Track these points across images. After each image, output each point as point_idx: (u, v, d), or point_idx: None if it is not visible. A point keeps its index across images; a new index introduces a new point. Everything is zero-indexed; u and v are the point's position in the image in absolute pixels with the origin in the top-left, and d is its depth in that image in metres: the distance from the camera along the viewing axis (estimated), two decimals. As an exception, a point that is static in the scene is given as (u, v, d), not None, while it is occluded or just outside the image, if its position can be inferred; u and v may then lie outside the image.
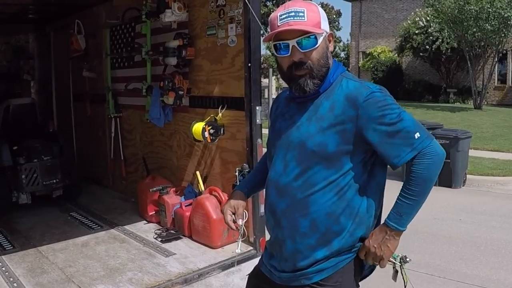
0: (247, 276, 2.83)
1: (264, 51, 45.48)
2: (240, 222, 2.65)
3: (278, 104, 2.63)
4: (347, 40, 54.38)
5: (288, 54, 2.32)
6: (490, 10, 24.25)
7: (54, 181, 6.66)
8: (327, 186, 2.31)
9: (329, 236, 2.34)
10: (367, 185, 2.39)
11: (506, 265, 6.35)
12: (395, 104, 2.27)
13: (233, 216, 2.68)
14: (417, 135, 2.25)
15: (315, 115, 2.34)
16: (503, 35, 25.82)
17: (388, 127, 2.24)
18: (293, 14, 2.27)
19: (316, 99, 2.38)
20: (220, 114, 5.35)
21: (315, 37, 2.29)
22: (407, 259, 2.61)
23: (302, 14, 2.26)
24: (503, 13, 24.18)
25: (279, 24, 2.29)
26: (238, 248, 2.88)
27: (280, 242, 2.46)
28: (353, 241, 2.39)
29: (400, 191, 2.36)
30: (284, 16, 2.28)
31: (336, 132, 2.27)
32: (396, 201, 2.36)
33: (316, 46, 2.30)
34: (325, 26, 2.34)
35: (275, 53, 2.39)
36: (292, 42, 2.29)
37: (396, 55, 36.21)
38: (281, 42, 2.32)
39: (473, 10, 24.55)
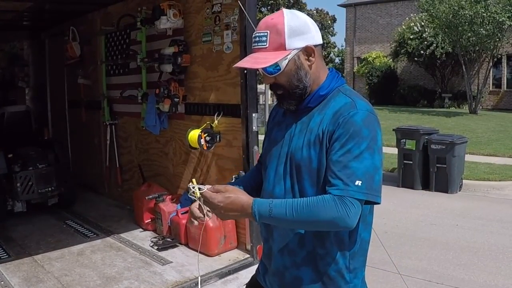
0: (244, 286, 2.81)
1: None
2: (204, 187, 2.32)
3: (276, 112, 2.59)
4: (342, 46, 54.49)
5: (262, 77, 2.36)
6: (485, 14, 24.36)
7: (50, 189, 6.62)
8: None
9: (314, 257, 2.30)
10: None
11: (504, 270, 6.36)
12: (368, 140, 2.13)
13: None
14: (358, 182, 2.08)
15: (307, 128, 2.29)
16: (497, 39, 25.95)
17: (342, 156, 2.12)
18: (257, 39, 2.27)
19: (310, 112, 2.34)
20: (216, 121, 5.33)
21: (277, 63, 2.25)
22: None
23: (264, 39, 2.24)
24: (497, 18, 24.28)
25: (252, 48, 2.32)
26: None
27: (271, 254, 2.44)
28: (338, 268, 2.29)
29: (295, 198, 2.21)
30: (253, 40, 2.30)
31: (320, 146, 2.21)
32: (282, 200, 2.21)
33: (281, 71, 2.26)
34: (295, 43, 2.25)
35: None
36: (260, 69, 2.30)
37: (391, 60, 36.30)
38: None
39: (467, 15, 24.64)
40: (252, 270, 2.83)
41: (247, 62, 2.31)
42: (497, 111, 30.34)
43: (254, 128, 4.91)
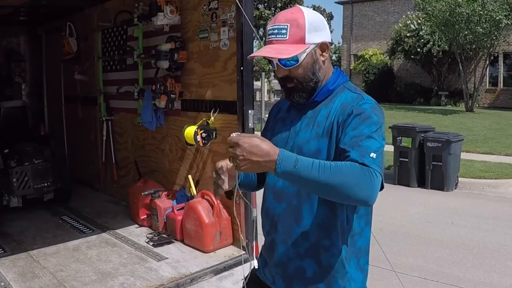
0: (243, 281, 2.81)
1: (256, 53, 45.35)
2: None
3: (279, 109, 2.63)
4: (339, 43, 54.39)
5: (275, 69, 2.36)
6: (482, 13, 24.36)
7: (45, 184, 6.61)
8: (320, 198, 2.26)
9: (318, 248, 2.32)
10: None
11: (499, 268, 6.37)
12: (376, 126, 2.18)
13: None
14: (373, 155, 2.08)
15: (314, 122, 2.34)
16: (494, 38, 25.96)
17: (354, 138, 2.14)
18: (276, 31, 2.28)
19: (315, 107, 2.39)
20: (212, 118, 5.33)
21: (296, 55, 2.28)
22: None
23: (284, 31, 2.26)
24: (494, 16, 24.29)
25: (267, 40, 2.32)
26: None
27: (274, 246, 2.46)
28: (341, 259, 2.32)
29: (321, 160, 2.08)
30: (270, 32, 2.30)
31: (329, 139, 2.26)
32: (309, 158, 2.08)
33: (298, 63, 2.29)
34: (313, 37, 2.30)
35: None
36: (275, 60, 2.31)
37: (388, 57, 36.29)
38: (267, 59, 2.35)
39: (464, 13, 24.64)
40: (247, 266, 2.83)
41: (269, 52, 2.28)
42: (494, 109, 30.36)
43: (250, 125, 4.91)
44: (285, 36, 2.26)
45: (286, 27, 2.26)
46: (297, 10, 2.32)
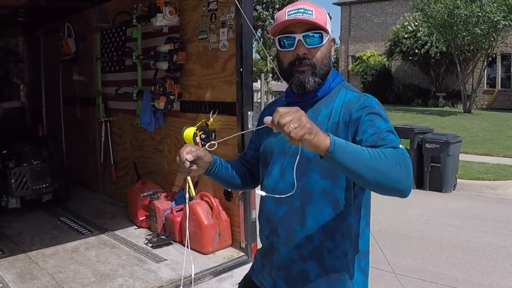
0: (237, 285, 2.80)
1: (254, 55, 45.46)
2: (189, 157, 2.35)
3: (272, 111, 2.59)
4: (337, 44, 54.47)
5: (293, 49, 2.31)
6: (480, 14, 24.41)
7: (44, 185, 6.61)
8: (324, 198, 2.25)
9: (321, 250, 2.29)
10: (361, 201, 2.33)
11: (498, 270, 6.37)
12: (388, 120, 2.20)
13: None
14: (401, 146, 2.07)
15: (315, 122, 2.25)
16: (492, 39, 26.03)
17: (375, 134, 2.11)
18: (302, 10, 2.27)
19: (314, 105, 2.36)
20: (211, 119, 5.32)
21: (321, 36, 2.30)
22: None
23: (310, 12, 2.27)
24: (492, 17, 24.33)
25: (288, 17, 2.29)
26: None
27: (274, 250, 2.42)
28: (347, 261, 2.31)
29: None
30: (293, 12, 2.28)
31: None
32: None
33: (321, 44, 2.30)
34: (329, 29, 2.35)
35: (278, 48, 2.37)
36: (298, 36, 2.28)
37: (386, 59, 36.33)
38: (287, 35, 2.31)
39: (462, 14, 24.68)
40: (246, 268, 2.82)
41: (303, 17, 2.27)
42: (492, 110, 30.41)
43: (250, 126, 4.90)
44: (312, 15, 2.27)
45: (312, 10, 2.28)
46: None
